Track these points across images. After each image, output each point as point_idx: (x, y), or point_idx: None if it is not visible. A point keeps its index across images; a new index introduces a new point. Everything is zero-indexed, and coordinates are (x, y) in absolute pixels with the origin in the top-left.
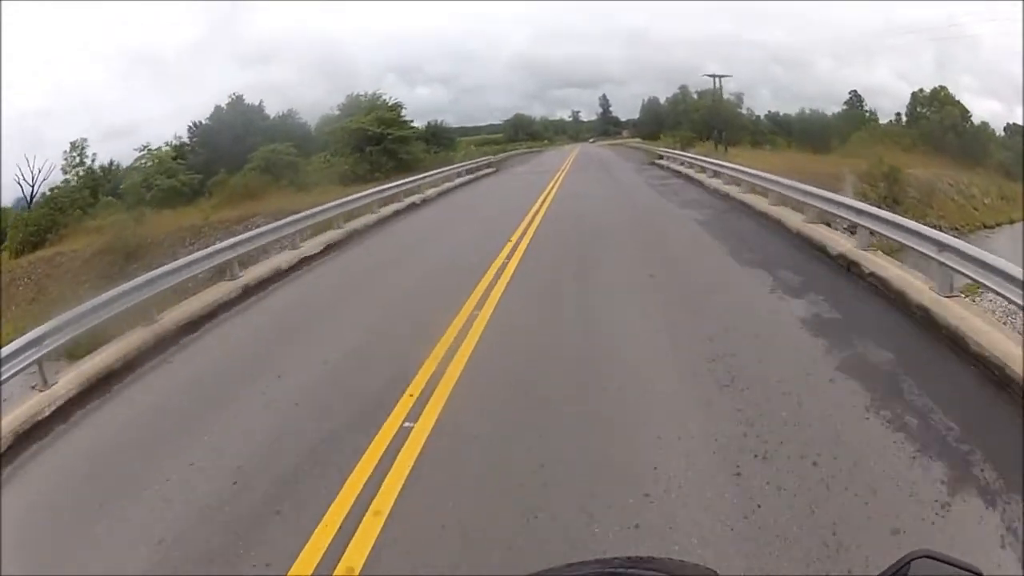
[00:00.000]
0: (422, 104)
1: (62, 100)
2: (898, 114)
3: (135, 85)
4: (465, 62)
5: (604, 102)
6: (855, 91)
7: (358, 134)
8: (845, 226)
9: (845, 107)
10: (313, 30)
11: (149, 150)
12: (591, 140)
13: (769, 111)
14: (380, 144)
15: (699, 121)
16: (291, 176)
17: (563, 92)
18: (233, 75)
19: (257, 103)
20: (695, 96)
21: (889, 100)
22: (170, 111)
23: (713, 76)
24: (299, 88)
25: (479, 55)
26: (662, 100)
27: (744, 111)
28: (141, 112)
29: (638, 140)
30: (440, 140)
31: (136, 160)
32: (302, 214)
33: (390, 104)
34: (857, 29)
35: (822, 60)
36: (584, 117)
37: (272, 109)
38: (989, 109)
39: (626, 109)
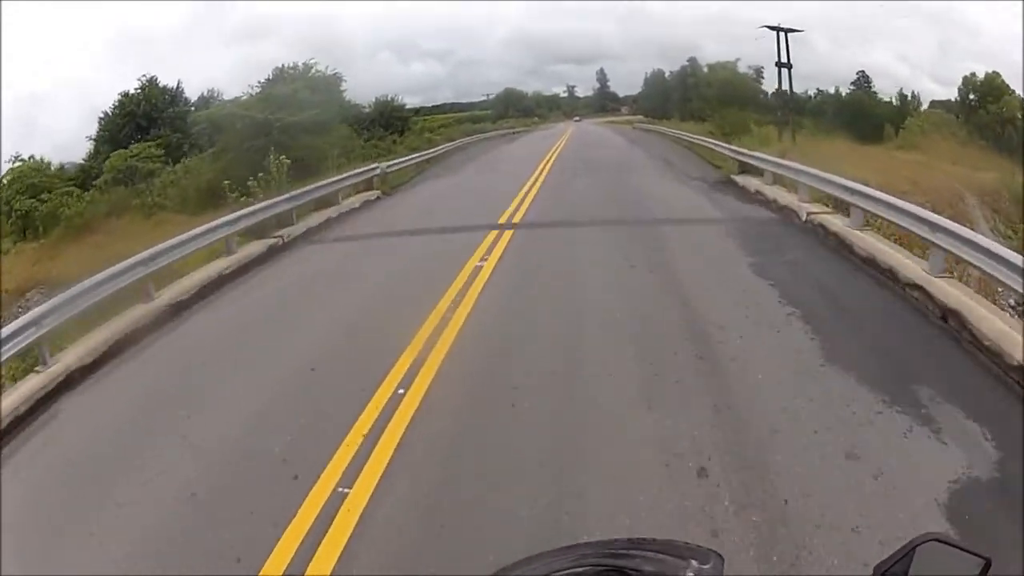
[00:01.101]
0: (418, 80)
1: (54, 83)
2: (903, 95)
3: (126, 66)
4: (461, 37)
5: (602, 76)
6: (863, 71)
7: (238, 123)
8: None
9: (852, 87)
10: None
11: (22, 159)
12: (576, 119)
13: (777, 88)
14: (268, 136)
15: (714, 98)
16: (148, 192)
17: (560, 68)
18: (223, 52)
19: (175, 84)
20: (705, 69)
21: (889, 82)
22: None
23: (777, 29)
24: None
25: (475, 30)
26: (667, 74)
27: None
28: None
29: (641, 118)
30: (392, 122)
31: (7, 172)
32: None
33: (327, 75)
34: (857, 7)
35: (820, 39)
36: (580, 93)
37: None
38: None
39: (624, 85)
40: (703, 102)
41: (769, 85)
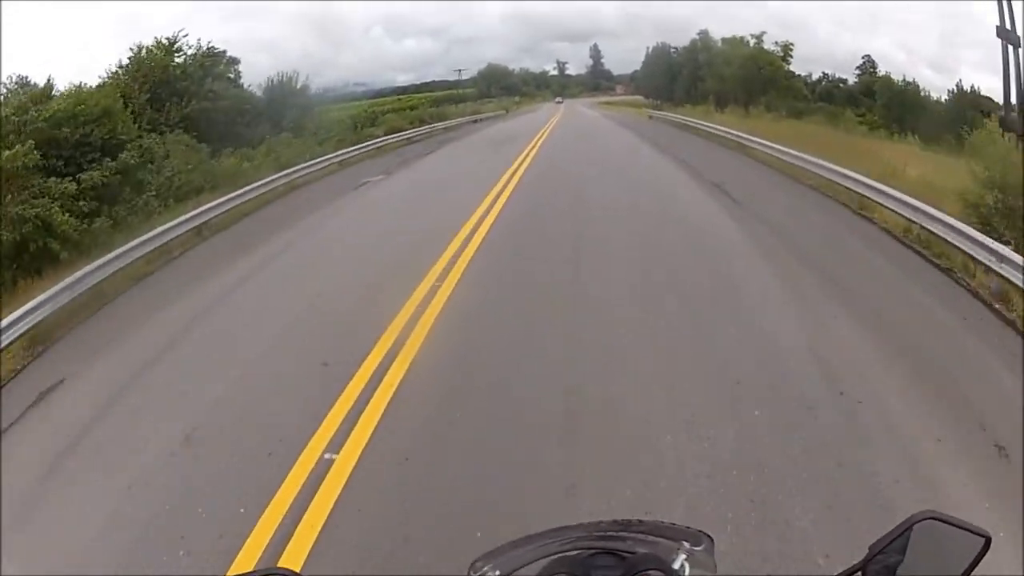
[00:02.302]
0: (411, 57)
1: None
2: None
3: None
4: (455, 13)
5: (595, 53)
6: (868, 56)
7: None
8: None
9: (858, 72)
10: None
11: None
12: (558, 100)
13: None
14: None
15: (733, 78)
16: None
17: (555, 45)
18: (217, 28)
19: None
20: (719, 44)
21: (887, 68)
22: None
23: None
24: (288, 42)
25: (470, 5)
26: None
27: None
28: None
29: (642, 99)
30: (286, 112)
31: None
32: None
33: (199, 55)
34: None
35: (821, 23)
36: (572, 71)
37: (261, 68)
38: (987, 85)
39: (619, 64)
40: (720, 82)
41: (798, 66)
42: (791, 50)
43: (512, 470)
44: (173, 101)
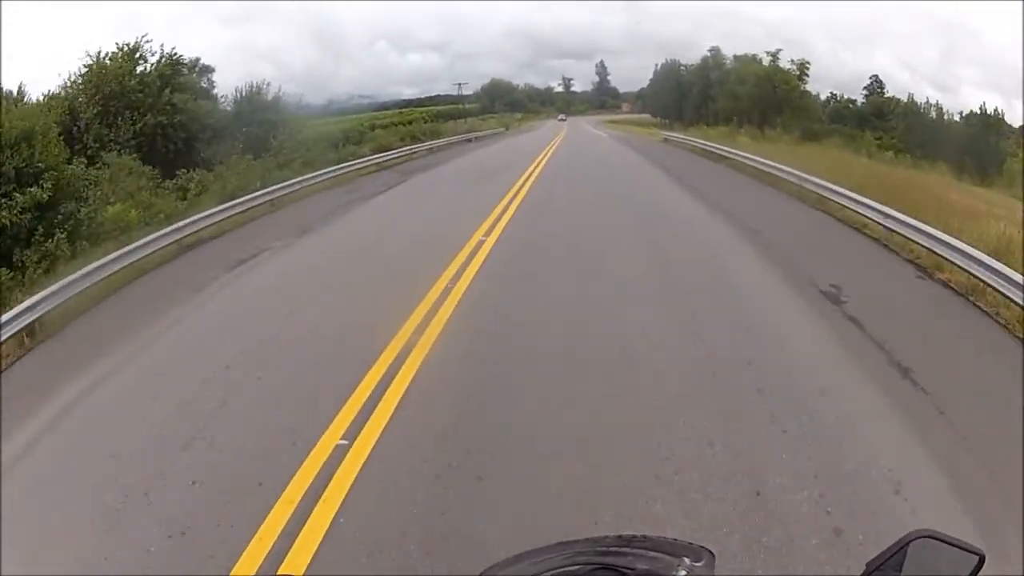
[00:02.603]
0: (416, 71)
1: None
2: (985, 112)
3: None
4: (459, 28)
5: (601, 69)
6: (876, 76)
7: None
8: None
9: (865, 92)
10: None
11: None
12: (561, 117)
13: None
14: None
15: (747, 97)
16: None
17: (558, 62)
18: (216, 35)
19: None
20: (730, 61)
21: (888, 86)
22: None
23: None
24: (290, 53)
25: (474, 21)
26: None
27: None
28: None
29: (648, 117)
30: (253, 126)
31: None
32: None
33: (160, 65)
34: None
35: (821, 41)
36: (577, 88)
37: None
38: (989, 103)
39: (625, 81)
40: (733, 101)
41: (813, 85)
42: (807, 68)
43: None
44: (125, 115)
